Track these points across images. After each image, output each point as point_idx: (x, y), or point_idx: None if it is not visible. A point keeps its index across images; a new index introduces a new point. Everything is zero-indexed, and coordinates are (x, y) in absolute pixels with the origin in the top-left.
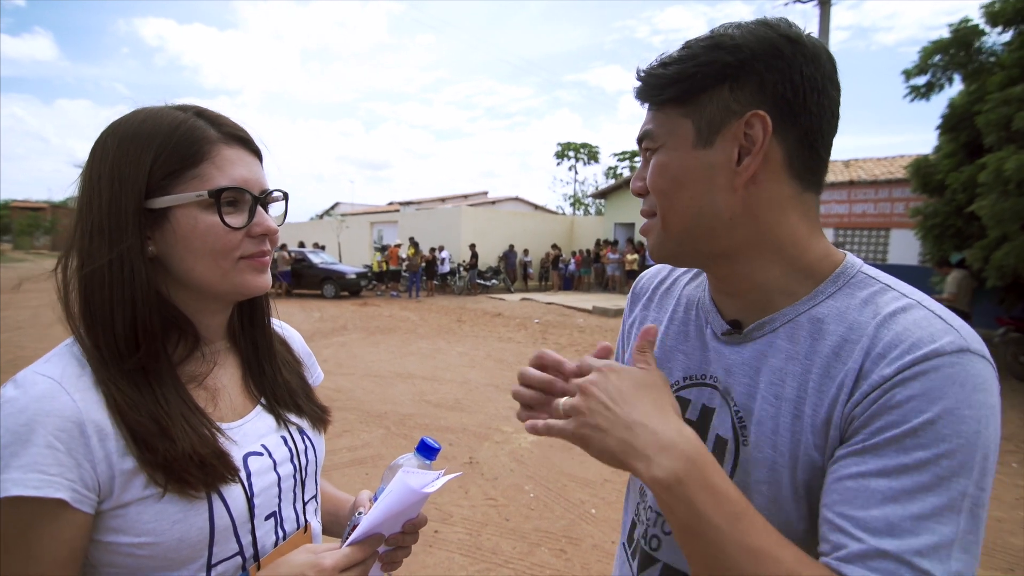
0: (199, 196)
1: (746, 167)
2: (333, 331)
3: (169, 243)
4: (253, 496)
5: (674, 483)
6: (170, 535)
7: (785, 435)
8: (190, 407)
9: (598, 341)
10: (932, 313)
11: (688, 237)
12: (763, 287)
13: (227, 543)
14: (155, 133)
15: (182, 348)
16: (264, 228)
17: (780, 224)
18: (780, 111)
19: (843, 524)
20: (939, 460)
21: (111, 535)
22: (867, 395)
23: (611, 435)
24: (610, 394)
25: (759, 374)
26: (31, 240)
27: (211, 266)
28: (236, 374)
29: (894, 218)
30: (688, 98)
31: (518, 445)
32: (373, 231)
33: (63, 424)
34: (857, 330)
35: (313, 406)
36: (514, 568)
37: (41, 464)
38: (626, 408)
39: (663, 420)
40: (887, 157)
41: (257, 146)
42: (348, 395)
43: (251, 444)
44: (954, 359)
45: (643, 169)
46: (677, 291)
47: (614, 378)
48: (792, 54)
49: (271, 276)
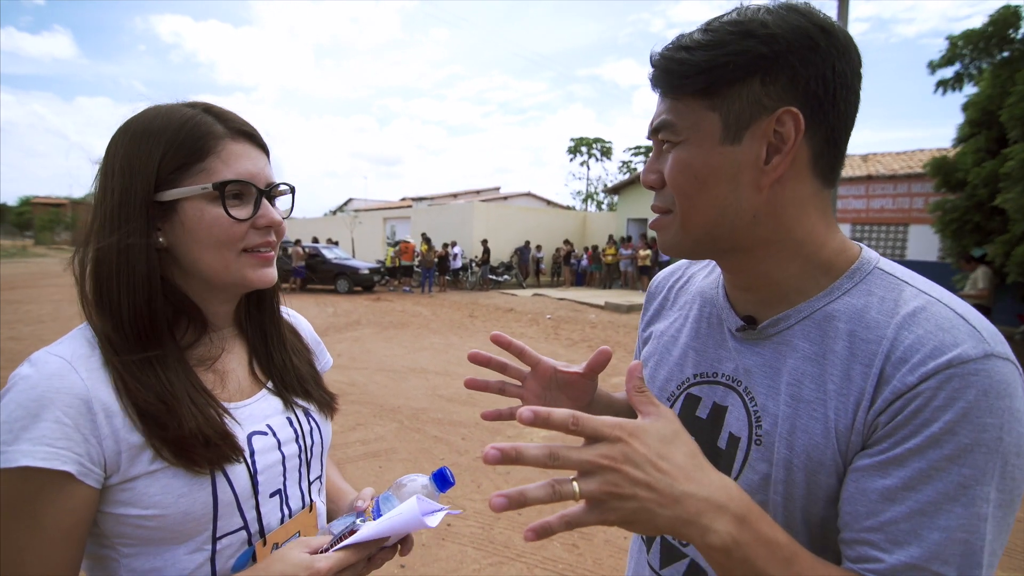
0: (204, 189)
1: (775, 167)
2: (346, 326)
3: (177, 234)
4: (257, 473)
5: (732, 547)
6: (175, 508)
7: (803, 436)
8: (196, 388)
9: (610, 337)
10: (953, 312)
11: (707, 236)
12: (779, 283)
13: (231, 518)
14: (164, 129)
15: (191, 334)
16: (269, 220)
17: (801, 222)
18: (811, 108)
19: (871, 537)
20: (961, 470)
21: (120, 507)
22: (890, 403)
23: (660, 516)
24: (644, 468)
25: (778, 375)
26: (52, 236)
27: (216, 257)
28: (244, 359)
29: (913, 213)
30: (716, 90)
31: (530, 440)
32: (386, 227)
33: (71, 401)
34: (875, 330)
35: (321, 392)
36: (526, 562)
37: (49, 438)
38: (668, 480)
39: (706, 480)
40: (906, 151)
41: (263, 141)
42: (362, 389)
43: (256, 424)
44: (977, 366)
45: (656, 161)
46: (692, 288)
47: (640, 446)
48: (827, 47)
49: (276, 270)
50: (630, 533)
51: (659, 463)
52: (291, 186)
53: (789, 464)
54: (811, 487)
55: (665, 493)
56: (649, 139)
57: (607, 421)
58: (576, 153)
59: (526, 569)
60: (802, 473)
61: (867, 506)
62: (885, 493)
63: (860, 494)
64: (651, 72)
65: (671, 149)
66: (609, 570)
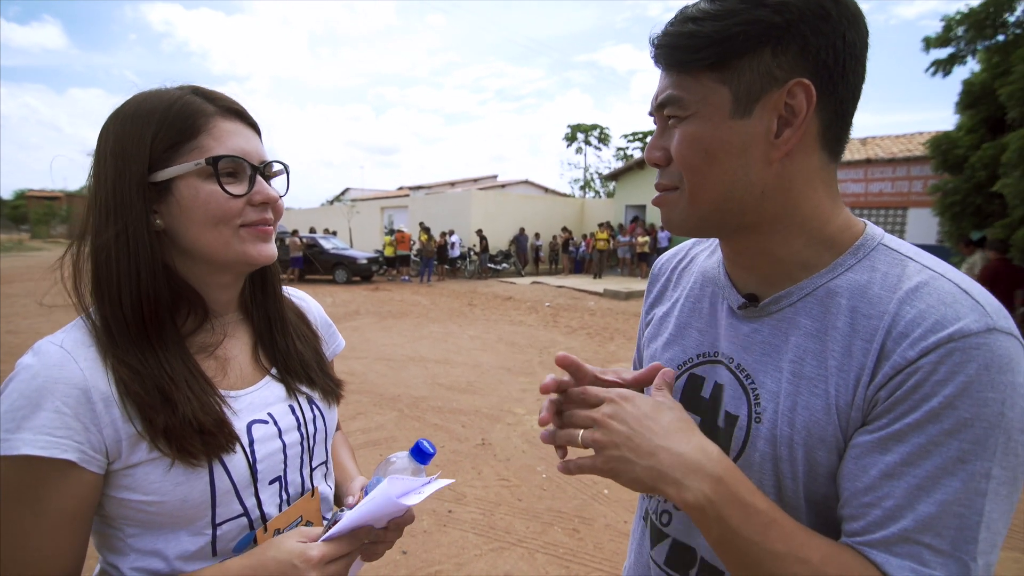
0: (198, 165)
1: (786, 140)
2: (345, 316)
3: (174, 215)
4: (256, 462)
5: (706, 504)
6: (174, 495)
7: (804, 413)
8: (195, 375)
9: (609, 324)
10: (956, 286)
11: (715, 212)
12: (782, 260)
13: (230, 505)
14: (154, 110)
15: (191, 320)
16: (265, 196)
17: (808, 197)
18: (821, 79)
19: (867, 512)
20: (961, 445)
21: (123, 492)
22: (891, 378)
23: (638, 464)
24: (628, 423)
25: (778, 352)
26: (48, 229)
27: (215, 235)
28: (247, 345)
29: (912, 196)
30: (726, 62)
31: (530, 427)
32: (383, 216)
33: (70, 391)
34: (877, 306)
35: (326, 379)
36: (527, 547)
37: (49, 427)
38: (647, 434)
39: (685, 440)
40: (905, 134)
41: (254, 120)
42: (362, 378)
43: (257, 412)
44: (979, 339)
45: (660, 138)
46: (694, 268)
47: (629, 406)
48: (838, 16)
49: (275, 247)
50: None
51: (643, 421)
52: (285, 165)
53: (791, 442)
54: (811, 464)
55: (641, 444)
56: (651, 115)
57: (606, 390)
58: (573, 140)
59: (527, 554)
60: (802, 450)
61: (866, 481)
62: (885, 469)
63: (860, 470)
64: (655, 50)
65: (677, 124)
66: (609, 554)
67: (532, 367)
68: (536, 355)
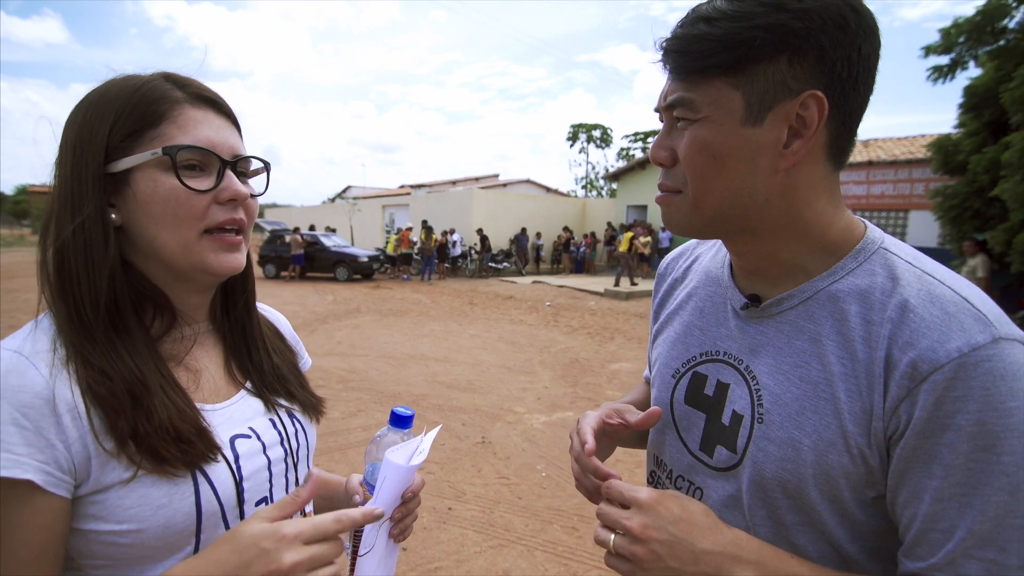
0: (154, 155)
1: (795, 151)
2: (346, 313)
3: (131, 210)
4: (242, 480)
5: None
6: (154, 521)
7: (812, 417)
8: (168, 380)
9: (609, 323)
10: (957, 295)
11: (718, 217)
12: (785, 263)
13: (215, 530)
14: (117, 96)
15: (159, 324)
16: (233, 192)
17: (811, 206)
18: (834, 92)
19: (925, 537)
20: (1000, 459)
21: (90, 522)
22: (910, 391)
23: (684, 572)
24: (667, 530)
25: (781, 354)
26: None
27: (174, 236)
28: (219, 358)
29: (913, 199)
30: (741, 67)
31: (530, 426)
32: (385, 214)
33: (31, 401)
34: (880, 311)
35: (306, 393)
36: (526, 544)
37: (7, 443)
38: (687, 539)
39: (719, 535)
40: (907, 137)
41: (230, 110)
42: (362, 376)
43: (238, 426)
44: (989, 351)
45: (667, 137)
46: (699, 268)
47: (664, 512)
48: (856, 27)
49: (244, 257)
50: None
51: (679, 525)
52: (266, 163)
53: (798, 444)
54: (822, 465)
55: (685, 555)
56: (658, 112)
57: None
58: (575, 140)
59: (526, 552)
60: (812, 453)
61: (918, 508)
62: (933, 494)
63: (912, 497)
64: (662, 55)
65: (687, 127)
66: None
67: (532, 366)
68: (536, 354)
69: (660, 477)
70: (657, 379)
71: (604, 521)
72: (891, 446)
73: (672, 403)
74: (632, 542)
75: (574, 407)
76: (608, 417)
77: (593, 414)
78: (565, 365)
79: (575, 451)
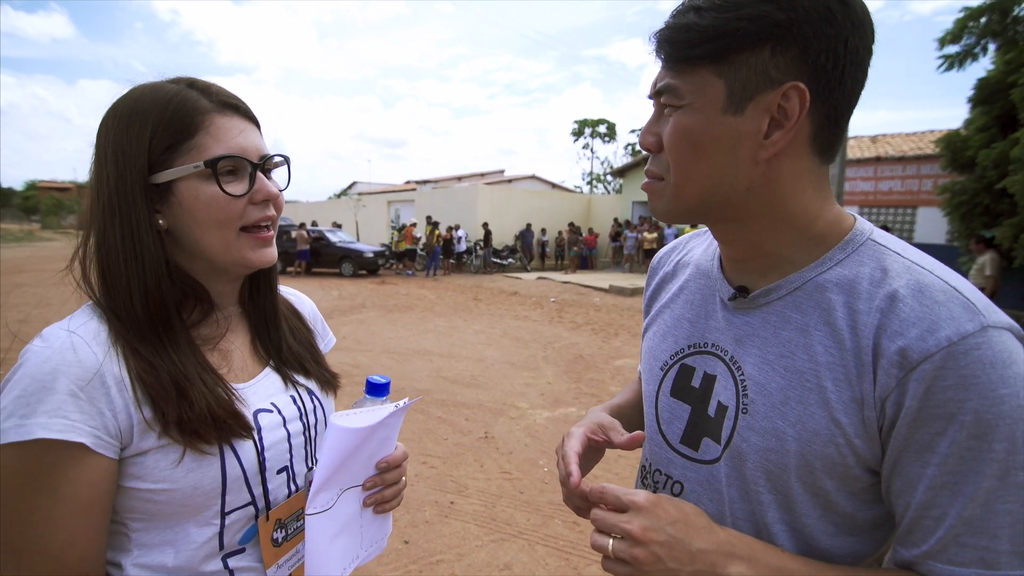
0: (197, 168)
1: (774, 142)
2: (351, 308)
3: (176, 216)
4: (264, 450)
5: None
6: (184, 483)
7: (796, 407)
8: (206, 368)
9: (614, 320)
10: (946, 284)
11: (700, 205)
12: (772, 254)
13: (239, 492)
14: (150, 109)
15: (197, 313)
16: (266, 194)
17: (796, 197)
18: (817, 84)
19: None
20: (992, 446)
21: (131, 481)
22: (899, 380)
23: (682, 571)
24: (666, 531)
25: (768, 345)
26: (59, 220)
27: (217, 237)
28: (246, 338)
29: (921, 195)
30: (724, 56)
31: (533, 421)
32: (390, 210)
33: (84, 374)
34: (867, 301)
35: (321, 370)
36: (528, 539)
37: (64, 410)
38: (684, 539)
39: (712, 533)
40: (915, 132)
41: (251, 112)
42: (367, 371)
43: (261, 402)
44: (978, 339)
45: (655, 123)
46: (691, 261)
47: (661, 514)
48: (843, 20)
49: (276, 250)
50: None
51: (676, 526)
52: (285, 157)
53: (781, 434)
54: (806, 456)
55: (682, 556)
56: (650, 98)
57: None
58: (580, 136)
59: (527, 546)
60: (796, 443)
61: (912, 497)
62: (927, 483)
63: (905, 487)
64: (654, 43)
65: (672, 113)
66: None
67: (536, 362)
68: (540, 350)
69: (647, 475)
70: (646, 372)
71: (600, 526)
72: (883, 435)
73: (657, 396)
74: (632, 545)
75: (577, 403)
76: (593, 433)
77: (578, 432)
78: (569, 361)
79: (561, 476)
